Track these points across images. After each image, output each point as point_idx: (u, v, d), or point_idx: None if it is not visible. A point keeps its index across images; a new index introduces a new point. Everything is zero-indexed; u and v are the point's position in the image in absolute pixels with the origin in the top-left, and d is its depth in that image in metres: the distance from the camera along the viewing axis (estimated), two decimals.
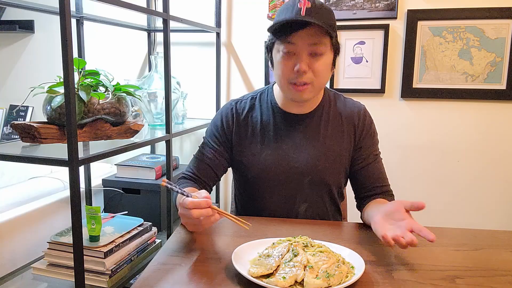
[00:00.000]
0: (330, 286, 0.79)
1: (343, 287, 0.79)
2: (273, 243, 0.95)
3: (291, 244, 0.91)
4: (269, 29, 1.11)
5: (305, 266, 0.84)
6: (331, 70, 1.17)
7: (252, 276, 0.81)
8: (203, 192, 0.95)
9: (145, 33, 2.25)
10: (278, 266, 0.85)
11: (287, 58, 1.11)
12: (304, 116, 1.24)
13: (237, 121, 1.27)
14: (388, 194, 1.25)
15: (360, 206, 1.27)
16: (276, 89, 1.27)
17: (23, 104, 2.45)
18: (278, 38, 1.11)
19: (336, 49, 1.15)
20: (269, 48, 1.19)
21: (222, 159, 1.27)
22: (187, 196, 0.93)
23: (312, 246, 0.92)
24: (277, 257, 0.86)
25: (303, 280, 0.81)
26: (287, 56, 1.11)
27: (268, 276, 0.83)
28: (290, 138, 1.23)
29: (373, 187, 1.24)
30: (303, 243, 0.92)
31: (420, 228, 0.90)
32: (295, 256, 0.86)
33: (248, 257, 0.91)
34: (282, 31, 1.09)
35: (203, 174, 1.25)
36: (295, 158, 1.22)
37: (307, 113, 1.24)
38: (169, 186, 0.96)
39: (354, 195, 1.30)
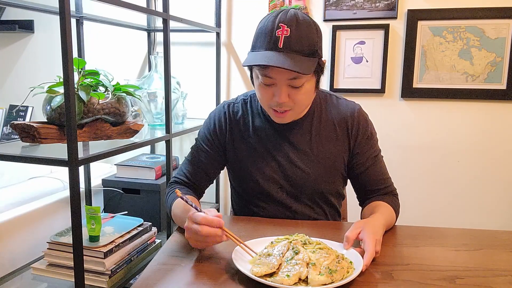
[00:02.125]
0: (333, 281, 0.80)
1: (346, 282, 0.80)
2: (272, 242, 0.95)
3: (290, 242, 0.91)
4: (246, 59, 1.05)
5: (307, 264, 0.84)
6: (314, 91, 1.13)
7: (256, 276, 0.81)
8: (213, 211, 0.92)
9: (145, 33, 2.25)
10: (280, 264, 0.85)
11: (266, 88, 1.07)
12: (294, 123, 1.19)
13: (230, 124, 1.23)
14: (391, 195, 1.22)
15: (364, 205, 1.25)
16: None
17: (23, 104, 2.45)
18: (255, 68, 1.07)
19: (319, 72, 1.10)
20: (249, 68, 1.13)
21: (215, 163, 1.24)
22: (199, 210, 0.91)
23: (311, 244, 0.93)
24: (277, 255, 0.87)
25: (307, 277, 0.81)
26: (266, 86, 1.07)
27: (271, 275, 0.83)
28: (282, 146, 1.19)
29: (374, 188, 1.21)
30: (301, 241, 0.92)
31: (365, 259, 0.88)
32: (296, 254, 0.87)
33: (247, 256, 0.91)
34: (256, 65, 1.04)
35: (196, 179, 1.23)
36: (286, 165, 1.19)
37: (297, 119, 1.19)
38: (184, 198, 0.94)
39: (356, 196, 1.28)
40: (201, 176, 1.23)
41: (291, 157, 1.19)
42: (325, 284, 0.79)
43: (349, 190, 1.34)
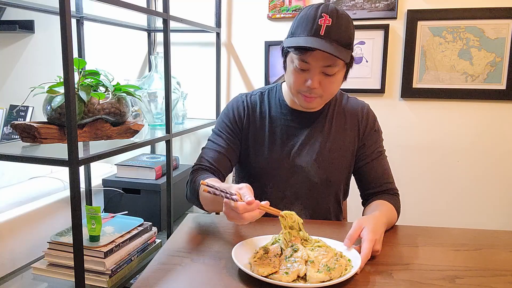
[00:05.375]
0: (332, 279, 0.81)
1: (344, 279, 0.81)
2: (271, 242, 0.95)
3: (288, 240, 0.92)
4: (287, 46, 1.12)
5: (306, 261, 0.85)
6: (341, 83, 1.19)
7: (262, 276, 0.81)
8: (245, 189, 0.90)
9: (145, 33, 2.26)
10: (280, 262, 0.86)
11: (299, 72, 1.13)
12: (311, 114, 1.26)
13: (247, 113, 1.28)
14: (392, 192, 1.25)
15: (366, 204, 1.26)
16: (285, 87, 1.28)
17: (23, 104, 2.46)
18: (294, 53, 1.12)
19: (350, 65, 1.16)
20: (284, 52, 1.19)
21: (235, 148, 1.27)
22: (235, 200, 0.88)
23: (310, 242, 0.94)
24: (275, 255, 0.87)
25: (305, 274, 0.82)
26: (300, 70, 1.13)
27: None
28: (296, 135, 1.25)
29: (377, 183, 1.25)
30: (302, 239, 0.93)
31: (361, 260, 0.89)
32: (295, 251, 0.88)
33: (247, 254, 0.91)
34: (298, 48, 1.09)
35: (220, 164, 1.23)
36: (300, 155, 1.24)
37: (313, 111, 1.26)
38: (211, 190, 0.88)
39: (359, 193, 1.30)
40: (224, 161, 1.24)
41: (305, 144, 1.24)
42: (324, 281, 0.80)
43: (350, 191, 1.34)
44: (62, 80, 1.04)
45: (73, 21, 1.78)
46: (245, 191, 0.89)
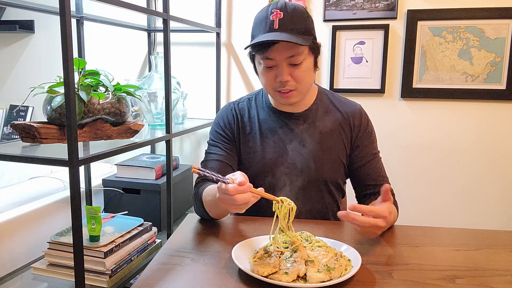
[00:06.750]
0: (332, 279, 0.81)
1: (344, 279, 0.81)
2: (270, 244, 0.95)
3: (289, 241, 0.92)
4: (246, 47, 1.15)
5: (306, 261, 0.85)
6: (314, 71, 1.21)
7: (262, 275, 0.82)
8: (238, 174, 0.91)
9: (145, 33, 2.26)
10: (279, 262, 0.86)
11: (268, 71, 1.16)
12: (299, 114, 1.26)
13: (237, 120, 1.30)
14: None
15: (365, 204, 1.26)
16: None
17: (23, 104, 2.46)
18: (257, 53, 1.15)
19: (315, 51, 1.18)
20: (251, 58, 1.23)
21: (233, 153, 1.28)
22: (226, 182, 0.89)
23: (310, 242, 0.94)
24: (275, 256, 0.87)
25: (305, 274, 0.82)
26: (268, 68, 1.15)
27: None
28: (287, 135, 1.25)
29: (373, 185, 1.25)
30: (303, 238, 0.94)
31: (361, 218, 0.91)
32: (295, 252, 0.88)
33: (247, 254, 0.91)
34: (259, 47, 1.12)
35: (222, 172, 1.22)
36: (292, 155, 1.24)
37: (301, 111, 1.27)
38: (201, 173, 0.89)
39: (355, 194, 1.31)
40: (225, 167, 1.24)
41: (297, 145, 1.25)
42: (324, 281, 0.80)
43: (349, 191, 1.34)
44: (62, 80, 1.04)
45: (73, 21, 1.78)
46: (238, 176, 0.90)
